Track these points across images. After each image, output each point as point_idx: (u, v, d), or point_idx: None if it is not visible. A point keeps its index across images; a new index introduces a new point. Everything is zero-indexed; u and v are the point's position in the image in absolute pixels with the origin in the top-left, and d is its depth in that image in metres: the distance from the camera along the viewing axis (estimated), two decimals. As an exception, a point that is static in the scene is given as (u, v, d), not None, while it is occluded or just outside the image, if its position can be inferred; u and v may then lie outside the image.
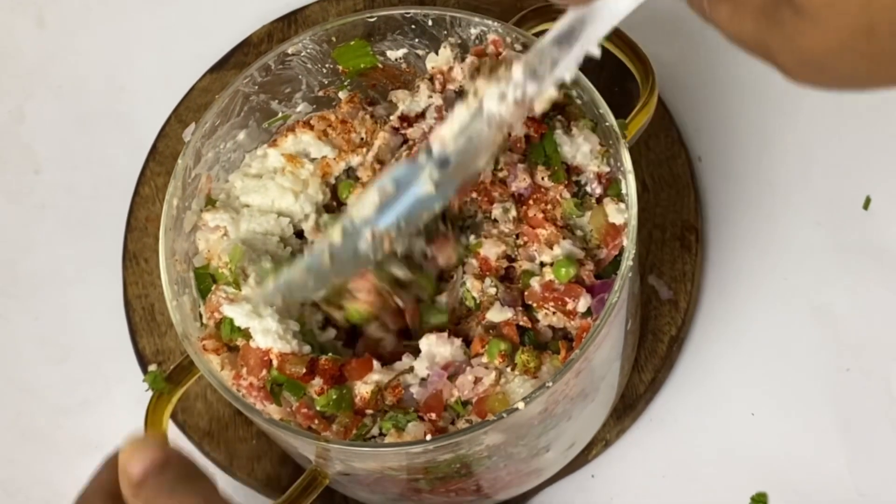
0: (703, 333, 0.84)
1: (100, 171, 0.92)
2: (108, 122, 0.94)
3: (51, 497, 0.84)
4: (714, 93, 0.90)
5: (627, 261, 0.66)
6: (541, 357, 0.67)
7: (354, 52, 0.75)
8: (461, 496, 0.75)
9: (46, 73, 0.96)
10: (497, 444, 0.67)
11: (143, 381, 0.68)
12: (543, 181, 0.71)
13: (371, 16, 0.74)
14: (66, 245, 0.91)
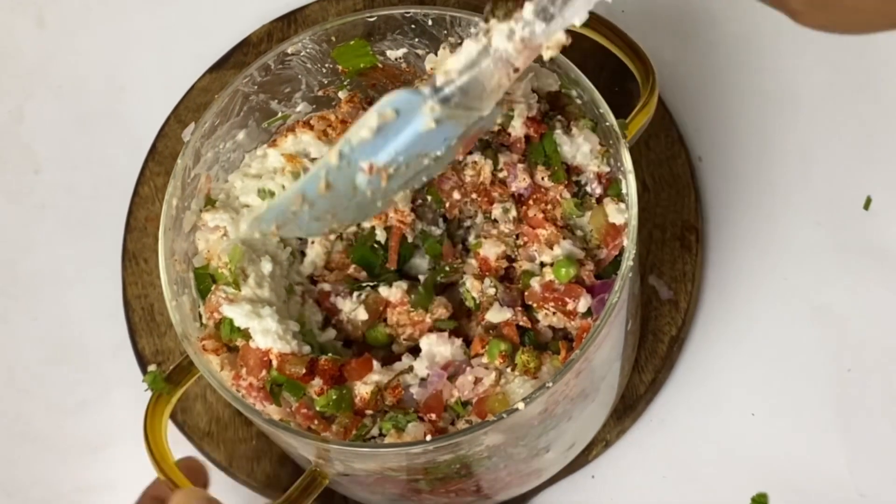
0: (704, 334, 0.84)
1: (99, 171, 0.92)
2: (108, 122, 0.94)
3: (50, 497, 0.84)
4: (714, 93, 0.89)
5: (628, 261, 0.66)
6: (541, 357, 0.67)
7: (354, 52, 0.75)
8: (461, 497, 0.74)
9: (46, 73, 0.95)
10: (497, 445, 0.67)
11: (143, 382, 0.68)
12: (543, 181, 0.70)
13: (371, 15, 0.74)
14: (66, 245, 0.90)
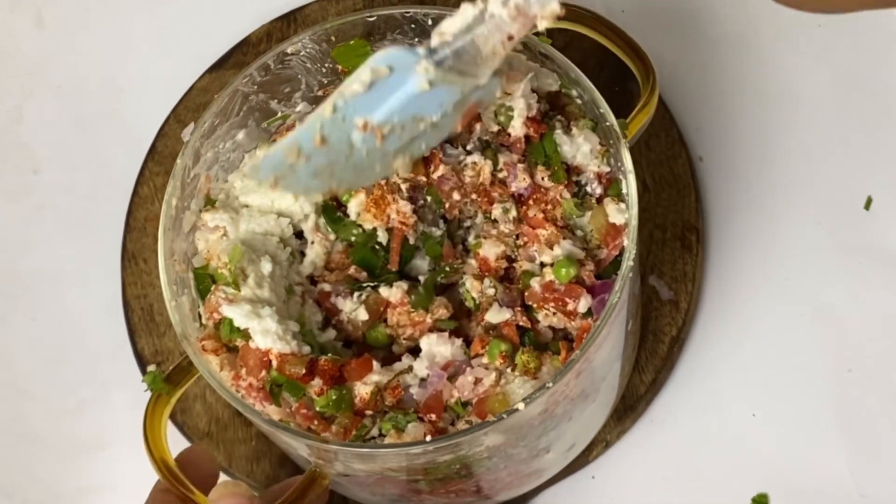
0: (704, 334, 0.84)
1: (99, 171, 0.92)
2: (107, 122, 0.93)
3: (48, 499, 0.84)
4: (715, 92, 0.89)
5: (628, 261, 0.66)
6: (541, 358, 0.67)
7: (354, 52, 0.75)
8: (461, 497, 0.74)
9: (45, 73, 0.95)
10: (497, 445, 0.66)
11: (143, 382, 0.68)
12: (543, 181, 0.70)
13: (370, 15, 0.73)
14: (65, 245, 0.90)
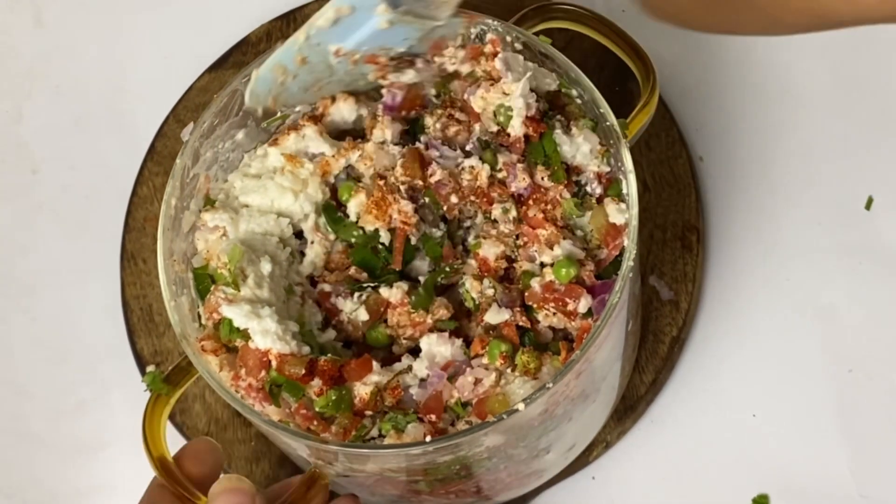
0: (705, 334, 0.84)
1: (98, 172, 0.92)
2: (106, 122, 0.93)
3: (48, 499, 0.84)
4: (715, 92, 0.89)
5: (628, 261, 0.66)
6: (541, 358, 0.67)
7: (353, 51, 0.75)
8: (461, 498, 0.74)
9: (44, 73, 0.95)
10: (497, 446, 0.66)
11: (142, 382, 0.68)
12: (543, 181, 0.70)
13: (370, 15, 0.73)
14: (64, 245, 0.90)
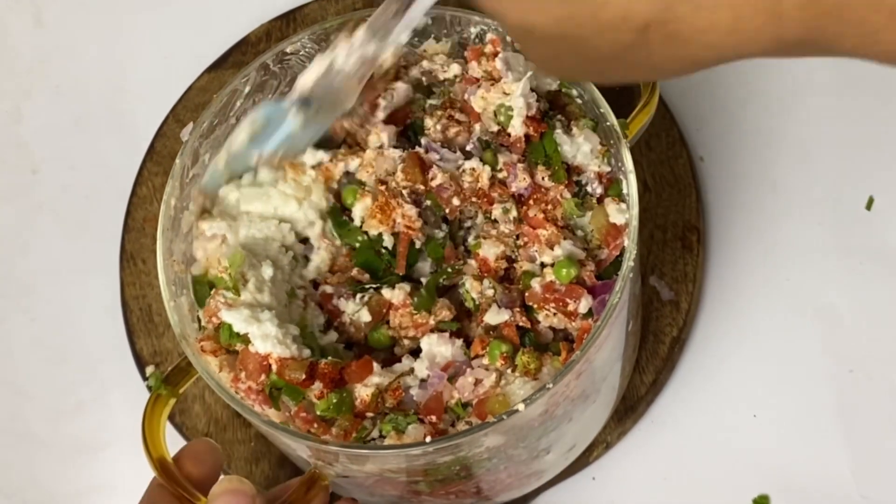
0: (705, 334, 0.84)
1: (97, 172, 0.92)
2: (106, 122, 0.93)
3: (47, 499, 0.84)
4: (716, 92, 0.89)
5: (629, 261, 0.66)
6: (541, 358, 0.67)
7: (353, 51, 0.75)
8: (461, 498, 0.74)
9: (44, 73, 0.95)
10: (497, 446, 0.66)
11: (147, 382, 0.68)
12: (544, 181, 0.70)
13: (370, 14, 0.73)
14: (64, 245, 0.90)
